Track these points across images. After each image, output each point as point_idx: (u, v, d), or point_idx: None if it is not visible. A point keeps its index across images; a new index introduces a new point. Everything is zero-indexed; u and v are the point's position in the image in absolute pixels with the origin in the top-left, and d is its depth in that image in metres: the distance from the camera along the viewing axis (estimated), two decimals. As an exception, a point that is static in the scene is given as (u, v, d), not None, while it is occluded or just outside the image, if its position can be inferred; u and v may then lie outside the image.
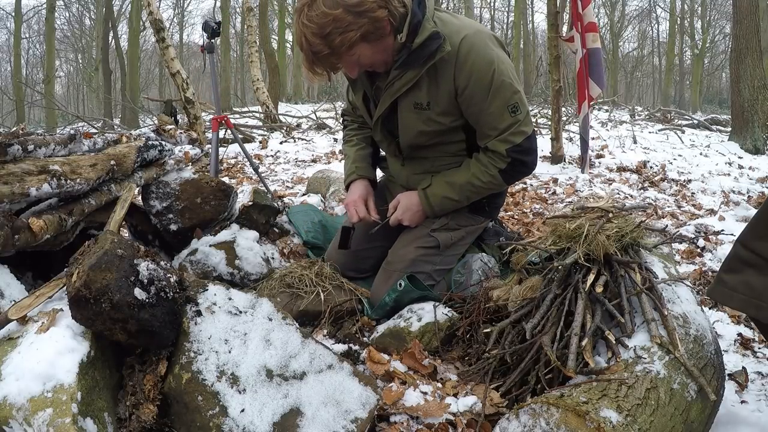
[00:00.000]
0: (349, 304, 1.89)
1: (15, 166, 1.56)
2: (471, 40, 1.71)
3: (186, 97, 6.43)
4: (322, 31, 1.59)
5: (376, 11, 1.60)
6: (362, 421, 1.21)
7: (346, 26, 1.59)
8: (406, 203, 1.96)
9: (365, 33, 1.62)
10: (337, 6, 1.57)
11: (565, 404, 1.06)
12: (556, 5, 5.60)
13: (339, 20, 1.57)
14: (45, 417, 0.98)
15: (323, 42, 1.61)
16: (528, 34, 24.14)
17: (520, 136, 1.79)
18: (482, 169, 1.85)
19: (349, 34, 1.59)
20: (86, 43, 25.67)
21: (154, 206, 2.18)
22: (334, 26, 1.58)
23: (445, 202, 1.92)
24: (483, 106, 1.76)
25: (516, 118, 1.78)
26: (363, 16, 1.59)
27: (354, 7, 1.57)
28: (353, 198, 2.02)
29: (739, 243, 1.12)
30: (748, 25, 7.67)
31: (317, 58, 1.65)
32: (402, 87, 1.78)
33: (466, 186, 1.88)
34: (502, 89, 1.74)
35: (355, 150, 2.16)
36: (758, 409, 1.50)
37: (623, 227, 1.57)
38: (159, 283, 1.20)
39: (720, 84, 32.75)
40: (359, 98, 1.97)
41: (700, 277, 2.52)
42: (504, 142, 1.80)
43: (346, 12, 1.57)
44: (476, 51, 1.70)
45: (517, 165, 1.83)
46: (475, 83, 1.73)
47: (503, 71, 1.73)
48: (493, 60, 1.72)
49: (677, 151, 7.10)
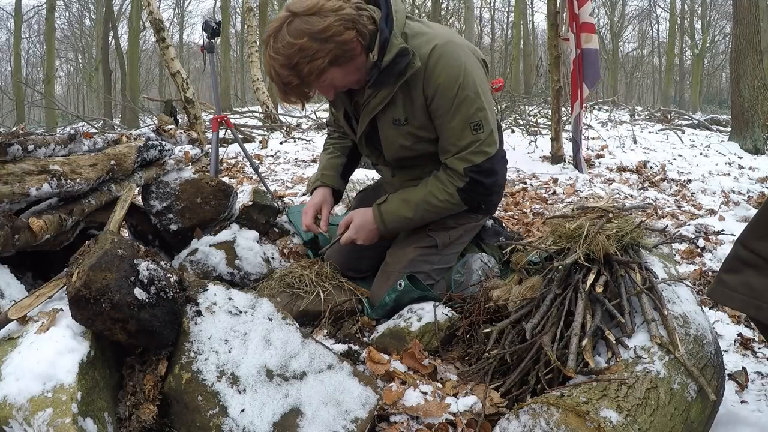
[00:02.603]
0: (349, 304, 1.88)
1: (15, 166, 1.56)
2: (440, 51, 1.66)
3: (186, 97, 6.42)
4: (289, 62, 1.56)
5: (342, 34, 1.57)
6: (362, 421, 1.21)
7: (313, 54, 1.55)
8: (360, 222, 1.91)
9: (334, 58, 1.59)
10: (302, 35, 1.54)
11: (565, 404, 1.06)
12: (556, 5, 5.60)
13: (305, 49, 1.54)
14: (45, 417, 0.98)
15: (292, 73, 1.58)
16: (528, 34, 24.12)
17: (480, 156, 1.74)
18: (440, 186, 1.80)
19: (317, 62, 1.56)
20: (86, 43, 25.66)
21: (154, 206, 2.18)
22: (300, 56, 1.55)
23: (400, 220, 1.87)
24: (445, 120, 1.72)
25: (477, 137, 1.72)
26: (330, 42, 1.56)
27: (319, 33, 1.54)
28: (306, 207, 2.02)
29: (739, 243, 1.12)
30: (748, 25, 7.68)
31: (289, 89, 1.63)
32: (377, 105, 1.76)
33: (421, 204, 1.83)
34: (465, 104, 1.69)
35: (327, 158, 2.14)
36: (758, 409, 1.50)
37: (623, 227, 1.57)
38: (159, 283, 1.20)
39: (720, 84, 32.76)
40: (341, 115, 1.95)
41: (700, 277, 2.52)
42: (463, 160, 1.75)
43: (311, 40, 1.54)
44: (444, 61, 1.66)
45: (475, 186, 1.78)
46: (440, 95, 1.69)
47: (468, 85, 1.68)
48: (459, 72, 1.67)
49: (677, 151, 7.10)
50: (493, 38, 29.31)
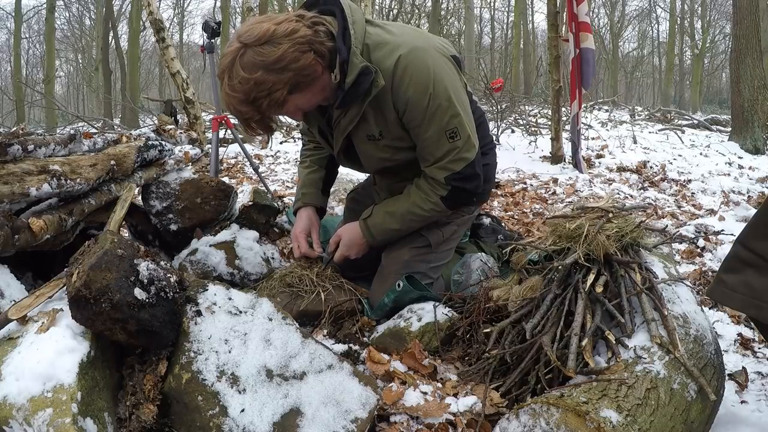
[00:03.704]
0: (349, 304, 1.88)
1: (15, 166, 1.56)
2: (404, 62, 1.57)
3: (186, 97, 6.42)
4: (247, 98, 1.48)
5: (299, 60, 1.47)
6: (362, 421, 1.21)
7: (271, 87, 1.46)
8: (349, 238, 1.90)
9: (294, 85, 1.50)
10: (256, 68, 1.44)
11: (565, 404, 1.06)
12: (556, 5, 5.60)
13: (261, 83, 1.45)
14: (45, 417, 0.98)
15: (252, 108, 1.51)
16: (528, 34, 24.11)
17: (460, 164, 1.69)
18: (423, 197, 1.77)
19: (276, 94, 1.48)
20: (86, 43, 25.65)
21: (154, 206, 2.18)
22: (257, 90, 1.46)
23: (388, 232, 1.85)
24: (420, 131, 1.66)
25: (454, 145, 1.66)
26: (287, 71, 1.46)
27: (274, 64, 1.44)
28: (294, 232, 1.98)
29: (739, 243, 1.12)
30: (748, 25, 7.68)
31: (253, 123, 1.56)
32: (348, 125, 1.70)
33: (407, 215, 1.81)
34: (438, 113, 1.62)
35: (306, 173, 2.08)
36: (758, 409, 1.50)
37: (623, 227, 1.57)
38: (159, 283, 1.20)
39: (720, 84, 32.75)
40: (316, 131, 1.89)
41: (700, 277, 2.52)
42: (442, 169, 1.70)
43: (267, 72, 1.44)
44: (411, 72, 1.58)
45: (458, 192, 1.74)
46: (412, 107, 1.62)
47: (439, 93, 1.61)
48: (429, 81, 1.59)
49: (677, 151, 7.11)
50: (493, 38, 29.31)
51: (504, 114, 7.66)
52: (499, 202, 4.14)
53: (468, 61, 16.18)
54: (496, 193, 4.39)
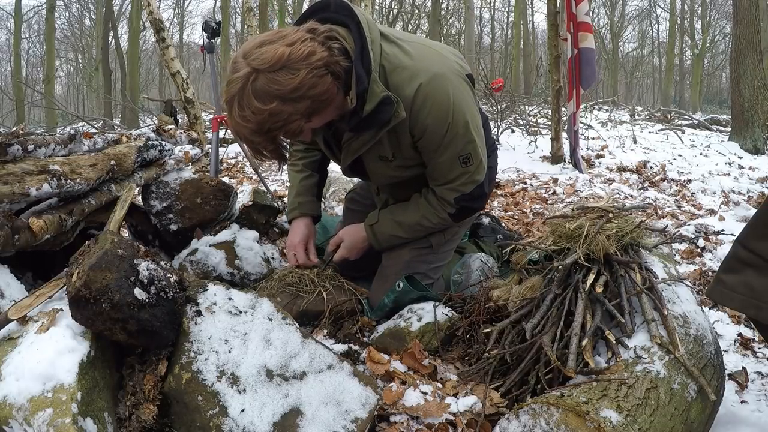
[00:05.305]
0: (349, 304, 1.88)
1: (15, 166, 1.57)
2: (425, 90, 1.52)
3: (186, 97, 6.42)
4: (261, 129, 1.38)
5: (317, 86, 1.36)
6: (362, 421, 1.21)
7: (287, 117, 1.36)
8: (351, 241, 1.90)
9: (311, 112, 1.41)
10: (271, 98, 1.33)
11: (565, 404, 1.06)
12: (556, 5, 5.60)
13: (277, 113, 1.34)
14: (45, 417, 0.98)
15: (265, 139, 1.42)
16: (528, 34, 24.11)
17: (470, 186, 1.71)
18: (432, 211, 1.77)
19: (293, 125, 1.39)
20: (86, 43, 25.65)
21: (154, 206, 2.18)
22: (272, 122, 1.36)
23: (393, 239, 1.87)
24: (434, 155, 1.66)
25: (467, 170, 1.67)
26: (304, 99, 1.36)
27: (291, 93, 1.33)
28: (293, 242, 1.94)
29: (739, 243, 1.12)
30: (748, 25, 7.68)
31: (265, 152, 1.49)
32: (361, 147, 1.66)
33: (415, 226, 1.82)
34: (454, 141, 1.61)
35: (299, 178, 2.01)
36: (758, 409, 1.50)
37: (623, 227, 1.57)
38: (159, 283, 1.20)
39: (720, 84, 32.75)
40: (321, 143, 1.84)
41: (700, 277, 2.52)
42: (453, 191, 1.72)
43: (283, 103, 1.34)
44: (431, 102, 1.53)
45: (465, 210, 1.78)
46: (429, 135, 1.60)
47: (458, 122, 1.58)
48: (448, 111, 1.55)
49: (677, 151, 7.11)
50: (493, 38, 29.31)
51: (504, 114, 7.66)
52: (499, 202, 4.14)
53: (468, 61, 16.18)
54: (496, 193, 4.39)
